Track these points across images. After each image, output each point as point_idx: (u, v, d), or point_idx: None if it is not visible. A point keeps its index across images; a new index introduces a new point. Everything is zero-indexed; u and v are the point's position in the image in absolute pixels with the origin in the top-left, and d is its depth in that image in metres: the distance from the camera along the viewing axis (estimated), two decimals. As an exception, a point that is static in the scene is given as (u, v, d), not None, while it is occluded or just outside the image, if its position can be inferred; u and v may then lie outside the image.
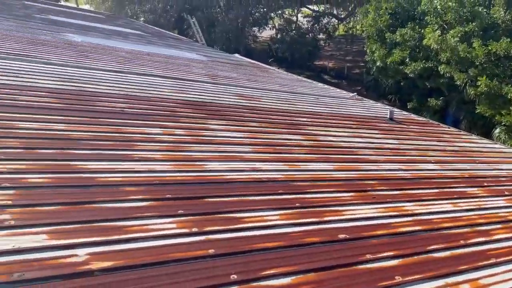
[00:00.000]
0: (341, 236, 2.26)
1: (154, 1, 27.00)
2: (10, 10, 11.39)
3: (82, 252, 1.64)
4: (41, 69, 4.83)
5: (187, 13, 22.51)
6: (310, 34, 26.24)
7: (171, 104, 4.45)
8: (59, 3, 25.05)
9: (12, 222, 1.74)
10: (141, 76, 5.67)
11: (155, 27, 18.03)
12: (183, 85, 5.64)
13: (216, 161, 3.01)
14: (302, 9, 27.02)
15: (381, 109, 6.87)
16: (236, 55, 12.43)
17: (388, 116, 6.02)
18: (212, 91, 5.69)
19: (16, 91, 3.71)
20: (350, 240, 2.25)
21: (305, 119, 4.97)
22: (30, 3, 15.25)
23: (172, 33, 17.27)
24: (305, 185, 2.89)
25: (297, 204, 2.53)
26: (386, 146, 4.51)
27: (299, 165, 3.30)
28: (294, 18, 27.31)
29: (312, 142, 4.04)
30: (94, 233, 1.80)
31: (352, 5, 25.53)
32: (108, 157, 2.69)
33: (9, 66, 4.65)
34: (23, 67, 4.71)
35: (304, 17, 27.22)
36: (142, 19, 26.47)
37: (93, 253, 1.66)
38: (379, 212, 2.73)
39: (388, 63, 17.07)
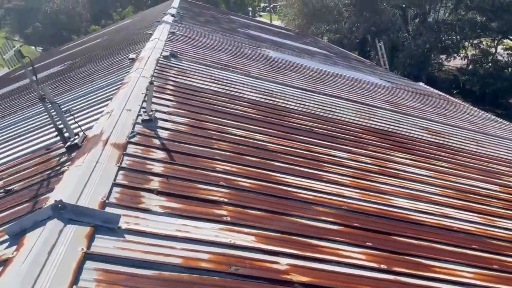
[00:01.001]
0: (551, 318, 1.95)
1: (341, 22, 27.59)
2: (219, 24, 13.12)
3: (284, 261, 1.79)
4: (243, 80, 5.43)
5: (372, 35, 22.34)
6: (510, 69, 23.17)
7: (356, 129, 4.49)
8: (256, 18, 27.75)
9: (228, 219, 2.01)
10: (327, 97, 5.86)
11: (339, 47, 18.42)
12: (367, 111, 5.63)
13: (402, 198, 2.92)
14: (505, 40, 24.04)
15: None
16: (421, 83, 11.80)
17: None
18: (396, 120, 5.54)
19: (226, 99, 4.26)
20: None
21: (502, 168, 4.42)
22: (235, 17, 17.28)
23: (354, 55, 17.39)
24: (504, 245, 2.58)
25: (495, 266, 2.28)
26: None
27: (496, 220, 2.95)
28: (493, 50, 24.48)
29: (512, 196, 3.58)
30: (292, 245, 1.94)
31: None
32: (300, 173, 2.86)
33: (220, 75, 5.36)
34: (229, 77, 5.38)
35: (505, 49, 24.16)
36: (325, 38, 27.30)
37: (292, 264, 1.79)
38: None
39: None
